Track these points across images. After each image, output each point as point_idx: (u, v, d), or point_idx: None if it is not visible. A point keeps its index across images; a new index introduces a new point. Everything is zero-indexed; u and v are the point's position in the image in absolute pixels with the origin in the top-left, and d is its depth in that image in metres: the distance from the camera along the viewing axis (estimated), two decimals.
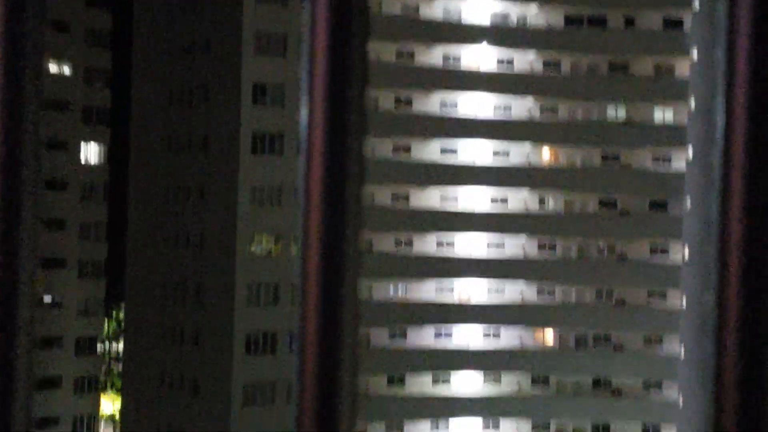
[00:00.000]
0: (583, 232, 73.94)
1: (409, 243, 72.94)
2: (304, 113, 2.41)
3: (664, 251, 73.74)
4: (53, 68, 77.56)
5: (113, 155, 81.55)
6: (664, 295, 73.23)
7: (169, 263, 70.75)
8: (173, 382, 69.71)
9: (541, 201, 74.82)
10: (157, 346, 70.91)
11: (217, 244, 68.11)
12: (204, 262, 68.67)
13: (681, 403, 68.96)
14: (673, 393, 70.73)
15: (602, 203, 74.60)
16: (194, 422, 68.26)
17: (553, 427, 73.19)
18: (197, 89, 69.61)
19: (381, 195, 72.05)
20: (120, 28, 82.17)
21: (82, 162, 78.96)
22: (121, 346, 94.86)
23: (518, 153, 74.47)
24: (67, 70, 78.13)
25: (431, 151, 73.49)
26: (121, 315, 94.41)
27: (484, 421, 72.64)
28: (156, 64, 72.94)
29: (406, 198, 73.21)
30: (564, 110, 74.98)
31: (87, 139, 79.07)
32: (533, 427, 73.05)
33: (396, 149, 73.08)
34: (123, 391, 76.83)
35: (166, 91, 71.86)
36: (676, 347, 70.78)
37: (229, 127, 67.42)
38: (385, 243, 72.23)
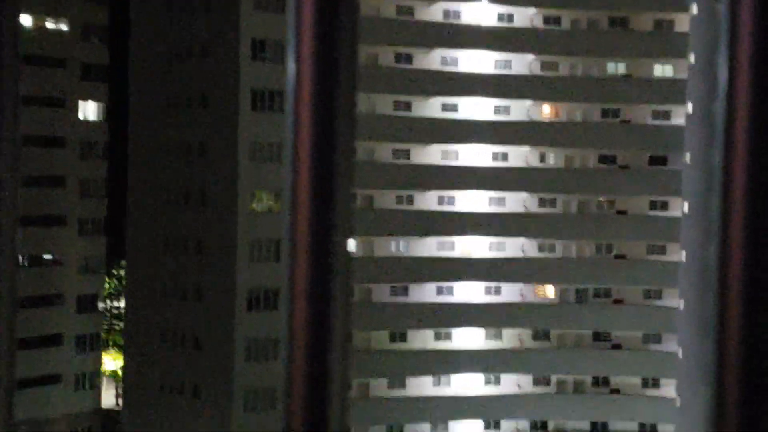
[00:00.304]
0: (583, 188, 73.86)
1: (410, 200, 72.87)
2: (291, 68, 2.33)
3: (664, 205, 73.70)
4: (50, 25, 77.16)
5: (112, 112, 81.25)
6: (663, 249, 73.26)
7: (171, 220, 70.69)
8: (175, 339, 69.85)
9: (542, 157, 74.67)
10: (158, 303, 70.99)
11: (218, 201, 68.04)
12: (205, 219, 68.62)
13: (680, 356, 69.27)
14: (672, 346, 70.98)
15: (602, 159, 74.48)
16: (196, 378, 68.48)
17: (553, 381, 73.48)
18: (196, 45, 69.27)
19: (382, 152, 71.89)
20: None
21: (81, 119, 78.69)
22: (122, 303, 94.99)
23: (519, 109, 74.26)
24: (64, 26, 77.71)
25: (432, 107, 73.24)
26: (122, 272, 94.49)
27: (485, 376, 72.91)
28: (154, 20, 72.53)
29: (407, 154, 73.02)
30: (564, 66, 74.66)
31: (85, 96, 78.75)
32: (534, 381, 73.35)
33: (397, 106, 72.82)
34: (125, 349, 77.01)
35: (165, 47, 71.51)
36: (675, 301, 70.95)
37: (229, 83, 67.18)
38: (386, 200, 72.18)
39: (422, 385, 72.36)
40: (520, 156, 74.11)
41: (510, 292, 73.50)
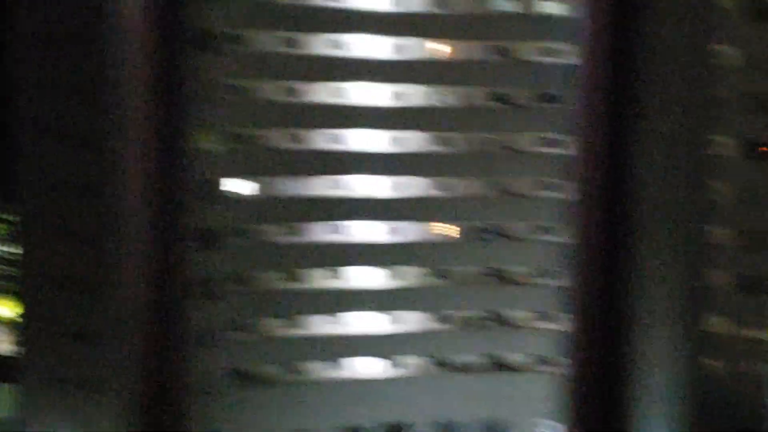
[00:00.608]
0: (475, 126, 74.25)
1: (301, 139, 72.46)
2: None
3: (554, 143, 74.33)
4: None
5: None
6: (557, 186, 73.94)
7: (63, 163, 69.52)
8: (71, 285, 69.22)
9: (432, 96, 74.58)
10: (53, 248, 69.98)
11: (110, 142, 67.21)
12: (98, 161, 67.83)
13: (573, 290, 70.54)
14: (564, 281, 72.17)
15: (493, 96, 74.67)
16: (94, 325, 68.26)
17: (449, 317, 74.33)
18: None
19: (272, 90, 71.28)
20: None
21: None
22: (9, 248, 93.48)
23: (412, 47, 73.96)
24: None
25: (321, 45, 72.62)
26: (10, 217, 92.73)
27: (381, 314, 73.50)
28: None
29: (297, 93, 72.32)
30: (454, 3, 74.38)
31: None
32: (430, 318, 74.15)
33: (286, 43, 71.98)
34: (21, 294, 75.97)
35: None
36: (567, 236, 72.10)
37: (111, 17, 65.89)
38: (277, 139, 71.72)
39: (317, 324, 72.66)
40: (413, 96, 74.02)
41: (404, 231, 73.86)
